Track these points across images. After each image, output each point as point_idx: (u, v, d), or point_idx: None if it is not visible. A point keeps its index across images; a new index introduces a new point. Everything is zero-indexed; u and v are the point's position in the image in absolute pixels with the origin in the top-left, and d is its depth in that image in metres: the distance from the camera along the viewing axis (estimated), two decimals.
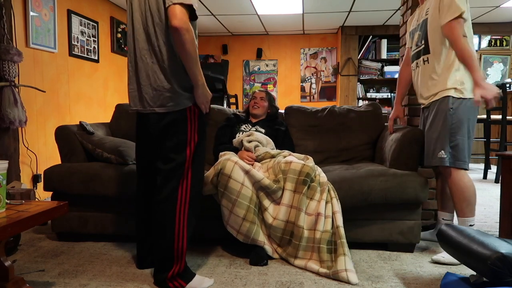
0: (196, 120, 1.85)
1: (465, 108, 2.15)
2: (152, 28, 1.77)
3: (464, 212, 2.19)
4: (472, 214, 2.20)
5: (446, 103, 2.17)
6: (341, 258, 1.99)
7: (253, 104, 2.84)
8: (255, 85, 6.96)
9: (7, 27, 2.89)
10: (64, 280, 1.95)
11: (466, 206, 2.18)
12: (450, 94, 2.16)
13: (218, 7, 5.21)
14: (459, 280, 1.80)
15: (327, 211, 2.14)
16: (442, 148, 2.18)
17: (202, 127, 1.89)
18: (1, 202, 1.62)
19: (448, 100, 2.16)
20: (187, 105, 1.81)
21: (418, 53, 2.34)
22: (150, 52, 1.78)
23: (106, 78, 4.71)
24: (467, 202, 2.18)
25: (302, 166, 2.19)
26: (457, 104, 2.15)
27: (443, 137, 2.17)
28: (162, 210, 1.82)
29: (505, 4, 5.00)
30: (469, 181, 2.19)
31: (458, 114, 2.15)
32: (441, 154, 2.18)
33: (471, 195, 2.18)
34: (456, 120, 2.15)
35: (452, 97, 2.15)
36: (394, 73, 6.22)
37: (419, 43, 2.33)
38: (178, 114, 1.80)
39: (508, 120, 4.53)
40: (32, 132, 3.43)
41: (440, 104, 2.20)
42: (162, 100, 1.78)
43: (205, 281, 1.88)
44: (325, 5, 5.07)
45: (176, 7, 1.66)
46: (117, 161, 2.48)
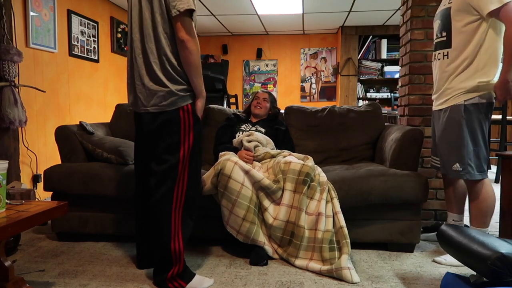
0: (191, 121, 1.83)
1: (478, 115, 2.06)
2: (148, 29, 1.78)
3: (478, 222, 2.15)
4: (485, 226, 2.15)
5: (459, 111, 2.07)
6: (344, 256, 1.99)
7: (255, 104, 2.85)
8: (255, 85, 6.96)
9: (7, 27, 2.89)
10: (64, 280, 1.95)
11: (480, 217, 2.13)
12: (462, 101, 2.07)
13: (218, 7, 5.21)
14: (459, 280, 1.79)
15: (327, 211, 2.14)
16: (457, 160, 2.10)
17: (198, 128, 1.87)
18: (1, 202, 1.62)
19: (461, 108, 2.07)
20: (181, 105, 1.80)
21: (439, 44, 2.21)
22: (145, 52, 1.79)
23: (106, 78, 4.71)
24: (482, 214, 2.12)
25: (301, 166, 2.19)
26: (469, 112, 2.05)
27: (457, 148, 2.10)
28: (158, 211, 1.81)
29: None
30: (489, 192, 2.11)
31: (470, 123, 2.06)
32: (456, 167, 2.11)
33: (489, 207, 2.11)
34: (469, 129, 2.06)
35: (465, 105, 2.06)
36: (394, 73, 6.22)
37: (438, 34, 2.22)
38: (171, 114, 1.79)
39: (508, 120, 4.52)
40: (32, 132, 3.43)
41: (452, 112, 2.11)
42: (155, 99, 1.78)
43: (205, 281, 1.88)
44: (325, 5, 5.07)
45: (183, 19, 1.69)
46: (117, 161, 2.48)
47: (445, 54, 2.16)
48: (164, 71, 1.77)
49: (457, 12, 2.07)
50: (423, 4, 2.72)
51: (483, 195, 2.11)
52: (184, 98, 1.81)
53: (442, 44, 2.19)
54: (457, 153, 2.11)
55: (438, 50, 2.23)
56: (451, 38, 2.12)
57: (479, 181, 2.12)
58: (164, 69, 1.77)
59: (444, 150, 2.19)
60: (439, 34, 2.22)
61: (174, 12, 1.68)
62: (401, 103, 3.05)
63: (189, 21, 1.71)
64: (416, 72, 2.77)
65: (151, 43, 1.77)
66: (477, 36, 2.03)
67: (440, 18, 2.21)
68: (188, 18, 1.71)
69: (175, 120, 1.80)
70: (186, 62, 1.75)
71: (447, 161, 2.17)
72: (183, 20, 1.69)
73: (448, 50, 2.14)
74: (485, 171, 2.12)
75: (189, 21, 1.71)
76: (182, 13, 1.68)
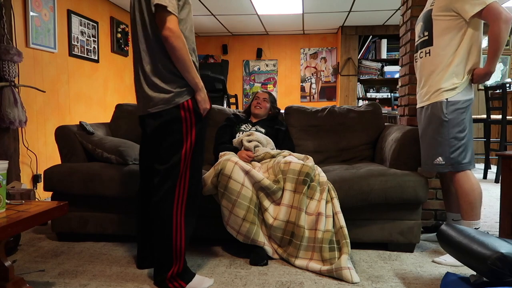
0: (193, 119, 1.82)
1: (459, 110, 2.12)
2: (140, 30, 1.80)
3: (468, 215, 2.17)
4: (477, 217, 2.18)
5: (440, 108, 2.14)
6: (344, 256, 1.99)
7: (255, 104, 2.85)
8: (255, 85, 6.95)
9: (7, 27, 2.89)
10: (64, 280, 1.95)
11: (471, 209, 2.16)
12: (443, 98, 2.14)
13: (218, 7, 5.21)
14: (459, 280, 1.80)
15: (327, 211, 2.14)
16: (439, 154, 2.16)
17: (200, 127, 1.86)
18: (1, 202, 1.62)
19: (442, 105, 2.14)
20: (179, 102, 1.78)
21: (421, 43, 2.29)
22: (139, 54, 1.82)
23: (106, 78, 4.71)
24: (472, 205, 2.15)
25: (301, 166, 2.19)
26: (450, 108, 2.12)
27: (438, 143, 2.16)
28: (160, 210, 1.81)
29: (505, 4, 5.00)
30: (474, 184, 2.15)
31: (452, 118, 2.12)
32: (438, 160, 2.16)
33: (476, 198, 2.15)
34: (450, 124, 2.12)
35: (446, 101, 2.13)
36: (394, 73, 6.23)
37: (421, 34, 2.29)
38: (172, 113, 1.79)
39: (508, 120, 4.52)
40: (32, 132, 3.43)
41: (433, 108, 2.17)
42: (153, 101, 1.79)
43: (205, 281, 1.88)
44: (325, 5, 5.07)
45: (162, 15, 1.67)
46: (117, 161, 2.48)
47: (427, 52, 2.24)
48: (157, 72, 1.78)
49: (438, 12, 2.16)
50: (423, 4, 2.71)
51: (470, 186, 2.15)
52: (180, 94, 1.79)
53: (424, 43, 2.26)
54: (439, 147, 2.16)
55: (420, 49, 2.31)
56: (432, 36, 2.20)
57: (464, 172, 2.16)
58: (156, 70, 1.78)
59: (427, 146, 2.23)
60: (421, 35, 2.30)
61: (153, 8, 1.68)
62: (401, 103, 3.05)
63: (169, 17, 1.67)
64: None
65: (143, 44, 1.79)
66: (458, 34, 2.12)
67: (422, 20, 2.30)
68: (167, 13, 1.67)
69: (177, 119, 1.80)
70: (174, 58, 1.73)
71: (430, 156, 2.21)
72: (162, 16, 1.67)
73: (430, 48, 2.21)
74: (468, 162, 2.16)
75: (170, 16, 1.67)
76: (157, 9, 1.67)
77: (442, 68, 2.15)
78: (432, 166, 2.21)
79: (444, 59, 2.15)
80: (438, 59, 2.17)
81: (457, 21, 2.11)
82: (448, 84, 2.14)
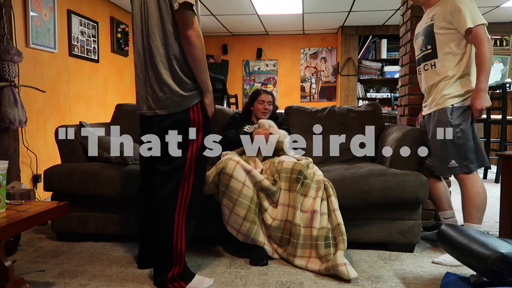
0: (201, 121, 1.82)
1: (464, 115, 2.19)
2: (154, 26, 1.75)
3: (472, 218, 2.19)
4: (479, 222, 2.20)
5: (446, 113, 2.21)
6: (340, 252, 2.00)
7: (262, 109, 2.74)
8: (255, 85, 6.95)
9: (7, 27, 2.89)
10: (64, 280, 1.95)
11: (475, 212, 2.19)
12: (449, 104, 2.21)
13: (218, 7, 5.21)
14: (459, 280, 1.80)
15: (322, 208, 2.14)
16: (452, 158, 2.21)
17: (207, 128, 1.86)
18: (1, 202, 1.62)
19: (448, 111, 2.20)
20: (189, 105, 1.79)
21: (425, 57, 2.35)
22: (151, 51, 1.77)
23: (106, 78, 4.71)
24: (476, 209, 2.19)
25: (294, 164, 2.20)
26: (456, 114, 2.19)
27: (449, 148, 2.20)
28: (161, 211, 1.81)
29: (505, 4, 5.00)
30: (481, 187, 2.21)
31: (458, 123, 2.18)
32: (451, 164, 2.21)
33: (482, 202, 2.19)
34: (457, 129, 2.18)
35: (452, 107, 2.19)
36: (394, 73, 6.23)
37: (423, 48, 2.35)
38: (181, 115, 1.78)
39: (508, 120, 4.52)
40: (32, 132, 3.43)
41: (439, 115, 2.24)
42: (164, 101, 1.77)
43: (205, 281, 1.88)
44: (325, 5, 5.07)
45: (186, 13, 1.66)
46: (117, 161, 2.48)
47: (432, 64, 2.30)
48: (170, 71, 1.76)
49: (440, 27, 2.23)
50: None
51: (477, 189, 2.19)
52: (191, 97, 1.79)
53: (428, 56, 2.33)
54: (450, 152, 2.20)
55: (423, 62, 2.37)
56: (436, 49, 2.27)
57: (472, 175, 2.20)
58: (171, 69, 1.76)
59: (438, 150, 2.26)
60: (423, 48, 2.36)
61: (176, 5, 1.67)
62: (401, 103, 3.05)
63: (191, 15, 1.68)
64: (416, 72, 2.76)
65: (157, 41, 1.75)
66: (461, 45, 2.20)
67: (423, 34, 2.35)
68: (190, 11, 1.68)
69: (186, 120, 1.79)
70: (191, 58, 1.73)
71: (443, 160, 2.24)
72: (186, 14, 1.67)
73: (435, 60, 2.29)
74: (476, 164, 2.21)
75: (192, 14, 1.69)
76: (183, 7, 1.66)
77: (447, 77, 2.22)
78: (446, 170, 2.26)
79: (450, 68, 2.22)
80: (443, 70, 2.24)
81: (458, 35, 2.19)
82: (453, 90, 2.21)
